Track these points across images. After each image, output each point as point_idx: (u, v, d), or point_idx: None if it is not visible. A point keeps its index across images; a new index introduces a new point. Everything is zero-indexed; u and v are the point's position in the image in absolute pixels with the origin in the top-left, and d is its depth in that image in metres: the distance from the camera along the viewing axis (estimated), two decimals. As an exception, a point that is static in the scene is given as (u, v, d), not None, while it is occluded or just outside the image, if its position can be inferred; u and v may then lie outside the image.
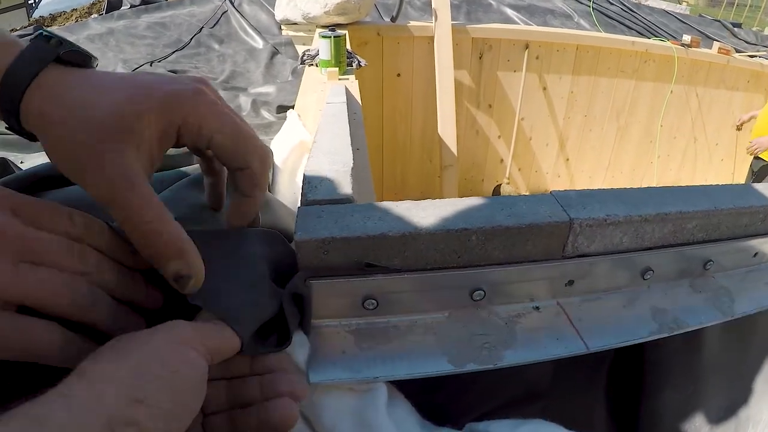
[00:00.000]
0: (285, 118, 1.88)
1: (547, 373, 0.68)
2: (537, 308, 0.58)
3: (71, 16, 4.09)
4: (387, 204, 0.54)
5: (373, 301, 0.52)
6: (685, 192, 0.65)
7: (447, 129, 3.21)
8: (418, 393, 0.56)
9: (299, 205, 0.54)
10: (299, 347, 0.50)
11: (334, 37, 2.08)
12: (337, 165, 0.62)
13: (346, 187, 0.57)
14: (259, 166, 0.45)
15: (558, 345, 0.55)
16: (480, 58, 3.61)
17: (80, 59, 0.40)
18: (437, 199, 0.55)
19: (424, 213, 0.52)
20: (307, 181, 0.58)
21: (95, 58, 0.42)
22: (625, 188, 0.64)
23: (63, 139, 0.37)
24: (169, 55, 3.03)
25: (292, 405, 0.41)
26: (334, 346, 0.51)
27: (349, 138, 0.75)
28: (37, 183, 0.50)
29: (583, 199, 0.59)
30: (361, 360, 0.51)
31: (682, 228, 0.62)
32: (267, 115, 2.46)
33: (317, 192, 0.56)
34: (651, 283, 0.64)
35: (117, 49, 3.05)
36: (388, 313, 0.54)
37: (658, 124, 4.11)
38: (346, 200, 0.55)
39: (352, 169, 0.61)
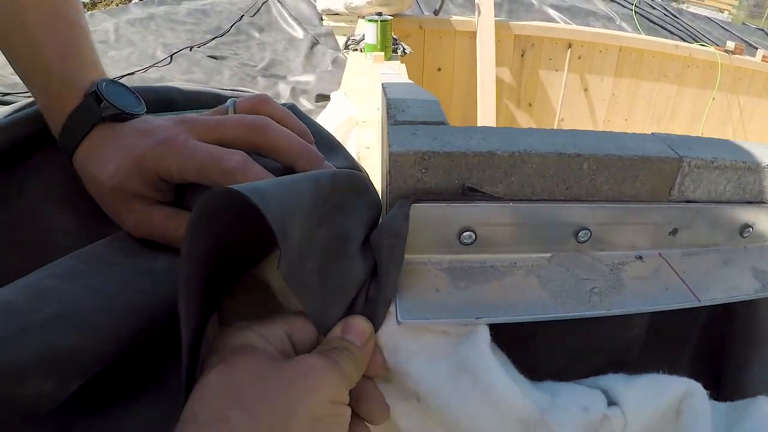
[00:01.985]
0: (324, 107, 1.84)
1: (639, 340, 0.62)
2: (640, 258, 0.53)
3: (112, 1, 4.11)
4: (489, 127, 0.48)
5: (472, 234, 0.46)
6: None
7: (486, 126, 3.14)
8: (506, 347, 0.50)
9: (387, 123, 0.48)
10: None
11: (381, 21, 2.05)
12: (421, 95, 0.56)
13: (437, 113, 0.51)
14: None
15: (668, 296, 0.49)
16: (522, 55, 3.54)
17: (122, 117, 0.47)
18: (541, 128, 0.49)
19: (530, 138, 0.47)
20: (393, 105, 0.53)
21: (139, 112, 0.49)
22: (722, 138, 0.59)
23: (89, 190, 0.48)
24: (209, 41, 3.01)
25: None
26: (426, 284, 0.46)
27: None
28: None
29: (687, 141, 0.54)
30: (459, 300, 0.45)
31: (780, 183, 0.56)
32: (306, 103, 2.44)
33: (406, 114, 0.50)
34: (748, 243, 0.59)
35: (157, 33, 3.05)
36: (485, 252, 0.48)
37: (699, 131, 4.00)
38: (440, 123, 0.49)
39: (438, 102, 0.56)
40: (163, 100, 0.61)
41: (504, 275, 0.47)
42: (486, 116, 3.14)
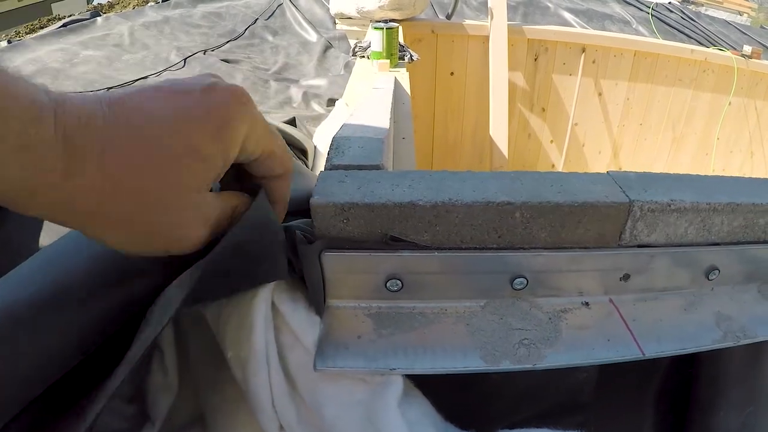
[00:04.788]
0: (335, 110, 1.84)
1: (591, 381, 0.60)
2: (586, 304, 0.51)
3: (129, 3, 4.14)
4: (420, 172, 0.47)
5: (398, 282, 0.45)
6: (758, 183, 0.57)
7: (499, 130, 3.12)
8: (444, 391, 0.49)
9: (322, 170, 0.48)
10: (309, 327, 0.44)
11: (387, 29, 2.04)
12: (369, 132, 0.56)
13: (376, 155, 0.51)
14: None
15: (609, 347, 0.48)
16: (535, 60, 3.51)
17: None
18: (478, 171, 0.48)
19: (462, 183, 0.46)
20: (335, 146, 0.52)
21: None
22: (691, 174, 0.56)
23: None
24: (223, 45, 3.02)
25: None
26: (350, 329, 0.45)
27: (390, 114, 0.69)
28: None
29: (645, 181, 0.52)
30: (379, 348, 0.44)
31: (753, 223, 0.54)
32: (317, 108, 2.44)
33: (344, 157, 0.50)
34: (715, 285, 0.56)
35: (172, 36, 3.06)
36: (415, 298, 0.47)
37: (714, 136, 3.93)
38: (374, 167, 0.49)
39: (386, 137, 0.55)
40: None
41: (432, 323, 0.46)
42: (498, 121, 3.12)
